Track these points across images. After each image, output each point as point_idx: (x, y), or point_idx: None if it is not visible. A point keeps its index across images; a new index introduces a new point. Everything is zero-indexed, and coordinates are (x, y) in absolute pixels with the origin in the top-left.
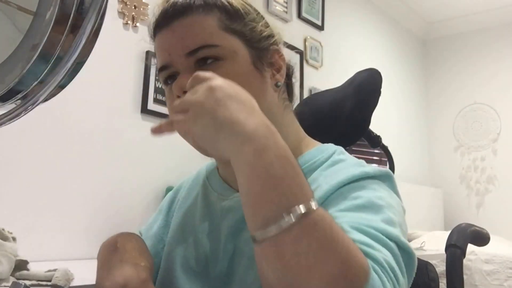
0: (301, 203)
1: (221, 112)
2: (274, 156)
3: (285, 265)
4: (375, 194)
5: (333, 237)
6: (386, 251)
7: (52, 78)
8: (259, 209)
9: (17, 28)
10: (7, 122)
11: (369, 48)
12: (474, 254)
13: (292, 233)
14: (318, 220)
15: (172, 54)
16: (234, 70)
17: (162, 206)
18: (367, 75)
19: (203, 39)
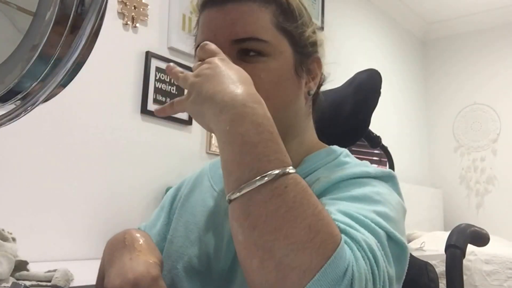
0: (273, 167)
1: (205, 87)
2: (250, 123)
3: (253, 224)
4: (373, 189)
5: (304, 202)
6: (369, 234)
7: (52, 79)
8: (234, 172)
9: (16, 29)
10: (7, 122)
11: (369, 48)
12: (474, 255)
13: (261, 194)
14: (290, 184)
15: (217, 36)
16: (275, 70)
17: (164, 203)
18: (367, 76)
19: (254, 30)
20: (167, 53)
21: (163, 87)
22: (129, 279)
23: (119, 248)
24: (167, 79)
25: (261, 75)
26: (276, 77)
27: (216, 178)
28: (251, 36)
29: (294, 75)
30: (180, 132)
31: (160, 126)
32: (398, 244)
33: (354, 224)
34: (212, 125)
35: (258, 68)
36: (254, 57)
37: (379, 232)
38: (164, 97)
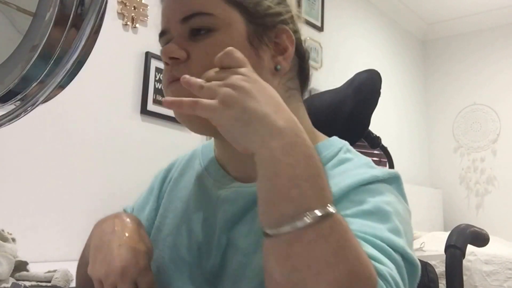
0: (320, 206)
1: (252, 105)
2: (301, 155)
3: (294, 265)
4: (383, 199)
5: (346, 244)
6: (391, 264)
7: (52, 79)
8: (277, 205)
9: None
10: (7, 123)
11: (368, 49)
12: (473, 255)
13: (307, 235)
14: (335, 225)
15: (169, 20)
16: (222, 42)
17: (153, 185)
18: (367, 76)
19: (198, 6)
20: None
21: None
22: (116, 267)
23: (107, 233)
24: None
25: (208, 51)
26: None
27: (208, 163)
28: (195, 11)
29: (250, 48)
30: (180, 132)
31: (160, 127)
32: (411, 263)
33: (378, 256)
34: (256, 149)
35: (205, 44)
36: (203, 35)
37: (396, 257)
38: (164, 97)
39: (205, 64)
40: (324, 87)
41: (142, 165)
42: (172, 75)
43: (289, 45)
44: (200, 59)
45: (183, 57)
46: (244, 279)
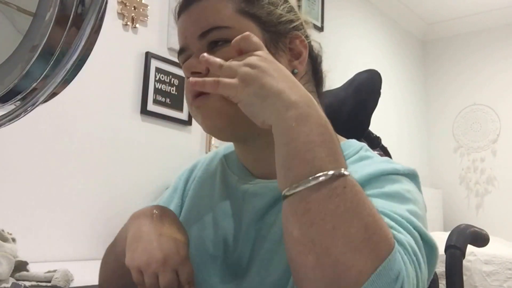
0: (334, 167)
1: (269, 81)
2: (314, 123)
3: (311, 220)
4: (403, 187)
5: (360, 203)
6: (410, 237)
7: (52, 79)
8: (294, 168)
9: (16, 29)
10: (7, 123)
11: (368, 49)
12: (473, 255)
13: (322, 192)
14: (348, 184)
15: (187, 37)
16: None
17: (177, 185)
18: (367, 76)
19: (215, 21)
20: (166, 53)
21: (163, 87)
22: (158, 256)
23: (146, 224)
24: (167, 79)
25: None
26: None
27: (232, 163)
28: (212, 26)
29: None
30: (180, 132)
31: (160, 127)
32: (429, 244)
33: (396, 226)
34: (273, 120)
35: (222, 53)
36: (222, 46)
37: (415, 233)
38: (164, 97)
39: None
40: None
41: (142, 165)
42: (195, 90)
43: (303, 50)
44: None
45: (204, 71)
46: (271, 265)
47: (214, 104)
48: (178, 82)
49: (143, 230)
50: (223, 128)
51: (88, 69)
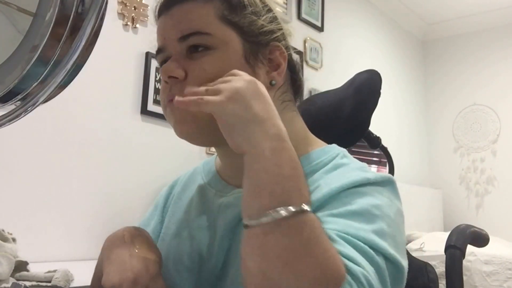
0: (297, 203)
1: (255, 105)
2: (288, 157)
3: (266, 254)
4: (373, 202)
5: (317, 241)
6: (369, 266)
7: (52, 79)
8: (260, 198)
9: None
10: (7, 123)
11: (368, 49)
12: (473, 255)
13: (281, 227)
14: (307, 222)
15: (166, 38)
16: (220, 60)
17: (158, 202)
18: (367, 76)
19: (196, 26)
20: None
21: None
22: (129, 276)
23: (118, 245)
24: None
25: (205, 68)
26: (220, 68)
27: (209, 177)
28: (193, 31)
29: (246, 65)
30: None
31: (160, 127)
32: (395, 265)
33: (355, 256)
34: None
35: (203, 61)
36: (201, 52)
37: (377, 260)
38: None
39: (202, 81)
40: (324, 87)
41: (142, 165)
42: (171, 94)
43: (282, 61)
44: (198, 76)
45: (182, 77)
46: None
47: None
48: None
49: (114, 252)
50: (195, 134)
51: (88, 69)
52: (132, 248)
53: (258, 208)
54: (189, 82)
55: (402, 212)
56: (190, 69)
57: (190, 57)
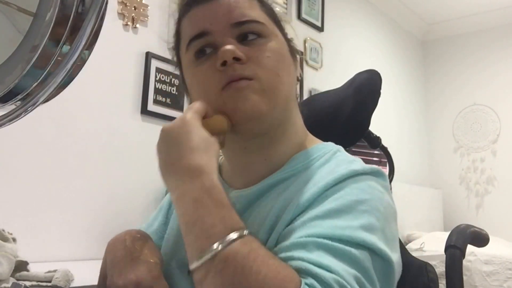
0: (212, 242)
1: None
2: (189, 201)
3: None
4: (360, 196)
5: (244, 272)
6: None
7: (52, 79)
8: (186, 247)
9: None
10: (7, 123)
11: (368, 49)
12: (473, 255)
13: (207, 271)
14: (229, 256)
15: (214, 24)
16: (278, 49)
17: (163, 204)
18: (367, 76)
19: (251, 14)
20: (167, 53)
21: (163, 87)
22: (131, 279)
23: (120, 249)
24: (167, 79)
25: (268, 54)
26: (280, 56)
27: None
28: (249, 19)
29: (290, 58)
30: None
31: (160, 127)
32: (384, 259)
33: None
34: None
35: (263, 49)
36: (254, 40)
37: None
38: (164, 97)
39: (262, 65)
40: (324, 87)
41: (142, 165)
42: (232, 75)
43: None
44: (258, 60)
45: (244, 58)
46: None
47: (257, 87)
48: (178, 82)
49: (117, 256)
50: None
51: (88, 69)
52: (134, 252)
53: (189, 257)
54: (251, 66)
55: (391, 204)
56: (251, 54)
57: (243, 43)
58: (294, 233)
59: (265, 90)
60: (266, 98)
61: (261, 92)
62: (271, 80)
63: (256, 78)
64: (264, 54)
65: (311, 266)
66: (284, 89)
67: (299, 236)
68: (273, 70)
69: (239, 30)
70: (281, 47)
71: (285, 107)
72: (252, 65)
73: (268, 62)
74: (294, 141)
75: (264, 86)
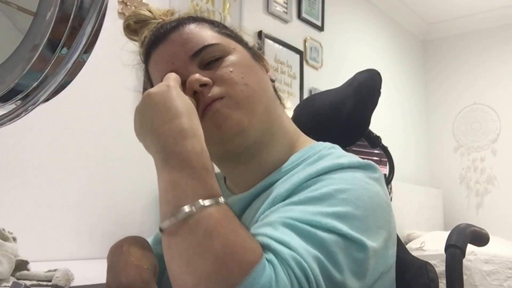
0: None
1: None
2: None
3: (172, 255)
4: (339, 186)
5: (213, 235)
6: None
7: (52, 79)
8: (161, 206)
9: (17, 29)
10: (8, 122)
11: (368, 48)
12: (473, 255)
13: (178, 230)
14: (202, 219)
15: (175, 62)
16: (238, 60)
17: None
18: (367, 76)
19: (204, 41)
20: None
21: None
22: (123, 282)
23: (116, 254)
24: None
25: (230, 69)
26: (243, 66)
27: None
28: (203, 45)
29: (256, 63)
30: None
31: None
32: (357, 244)
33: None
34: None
35: (224, 67)
36: (215, 62)
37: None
38: None
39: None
40: (324, 87)
41: (142, 164)
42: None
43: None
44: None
45: (210, 82)
46: None
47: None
48: None
49: (113, 261)
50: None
51: (88, 69)
52: (128, 257)
53: (162, 215)
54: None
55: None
56: (215, 75)
57: (206, 69)
58: (267, 218)
59: (239, 103)
60: (243, 109)
61: (236, 106)
62: (241, 92)
63: (227, 95)
64: (227, 70)
65: (272, 241)
66: (258, 96)
67: (270, 218)
68: (240, 82)
69: (198, 58)
70: (241, 58)
71: (265, 112)
72: (219, 84)
73: (232, 77)
74: (285, 142)
75: (237, 100)
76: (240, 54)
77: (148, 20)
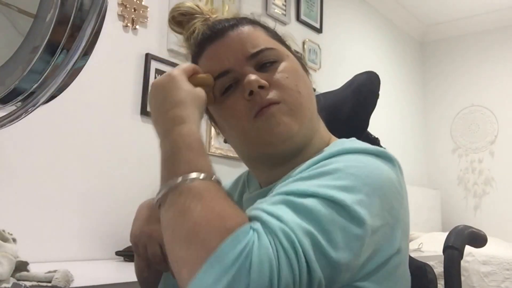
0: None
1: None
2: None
3: (163, 225)
4: (349, 163)
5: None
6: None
7: (52, 81)
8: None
9: (17, 31)
10: (8, 124)
11: (367, 50)
12: (471, 256)
13: (166, 201)
14: (184, 191)
15: (231, 60)
16: (292, 68)
17: None
18: (366, 78)
19: (262, 44)
20: (166, 55)
21: None
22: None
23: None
24: None
25: (286, 75)
26: (297, 74)
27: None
28: (262, 48)
29: (304, 73)
30: None
31: None
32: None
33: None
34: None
35: (281, 71)
36: (271, 66)
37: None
38: None
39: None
40: (323, 89)
41: (142, 165)
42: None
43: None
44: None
45: (267, 85)
46: None
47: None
48: None
49: (141, 214)
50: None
51: (88, 71)
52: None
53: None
54: (274, 89)
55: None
56: (272, 79)
57: (262, 71)
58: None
59: (292, 110)
60: (295, 117)
61: (289, 113)
62: (295, 99)
63: (282, 100)
64: (283, 76)
65: (263, 213)
66: (307, 104)
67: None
68: (295, 89)
69: (255, 60)
70: (294, 65)
71: (311, 120)
72: (276, 89)
73: (288, 83)
74: (319, 146)
75: (291, 106)
76: (292, 61)
77: (195, 14)
